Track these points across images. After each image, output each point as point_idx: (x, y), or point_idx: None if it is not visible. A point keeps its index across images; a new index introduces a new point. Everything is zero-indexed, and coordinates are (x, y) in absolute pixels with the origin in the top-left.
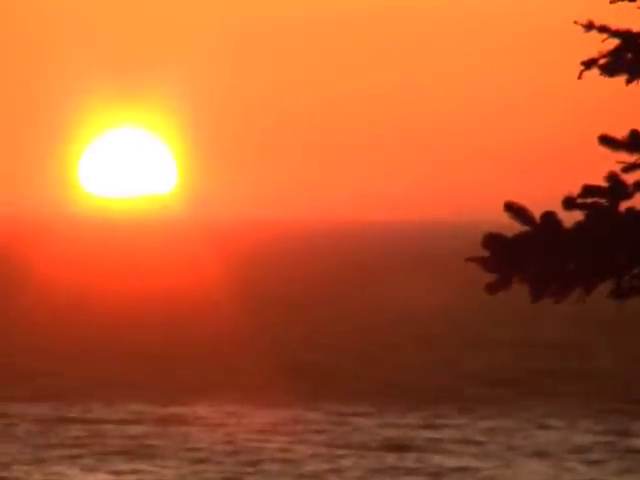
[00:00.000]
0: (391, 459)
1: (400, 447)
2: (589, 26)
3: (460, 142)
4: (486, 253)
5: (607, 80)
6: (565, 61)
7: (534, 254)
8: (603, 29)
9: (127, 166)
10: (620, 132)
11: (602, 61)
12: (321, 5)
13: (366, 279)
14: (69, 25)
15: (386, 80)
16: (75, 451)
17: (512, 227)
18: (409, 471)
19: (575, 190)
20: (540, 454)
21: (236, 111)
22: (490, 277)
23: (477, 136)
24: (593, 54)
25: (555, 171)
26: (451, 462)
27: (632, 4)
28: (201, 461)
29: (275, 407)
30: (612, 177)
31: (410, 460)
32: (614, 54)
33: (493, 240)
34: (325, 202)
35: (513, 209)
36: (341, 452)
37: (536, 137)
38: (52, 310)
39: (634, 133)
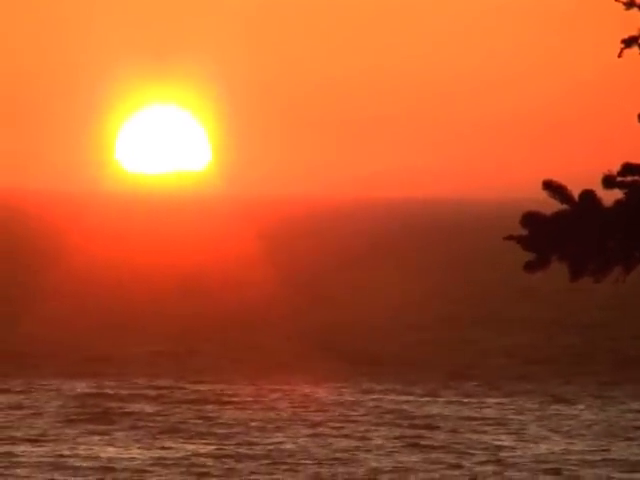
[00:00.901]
0: (423, 436)
1: (431, 425)
2: (630, 3)
3: (481, 117)
4: (524, 232)
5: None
6: (603, 38)
7: (573, 233)
8: None
9: (162, 143)
10: None
11: None
12: None
13: (386, 258)
14: (106, 9)
15: (402, 59)
16: (107, 427)
17: (521, 207)
18: (438, 448)
19: (615, 168)
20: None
21: (271, 91)
22: (529, 256)
23: (500, 112)
24: (633, 32)
25: (594, 150)
26: (484, 439)
27: None
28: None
29: (305, 384)
30: None
31: (441, 438)
32: None
33: (532, 219)
34: (346, 179)
35: (552, 187)
36: (372, 428)
37: (573, 115)
38: (86, 282)
39: None
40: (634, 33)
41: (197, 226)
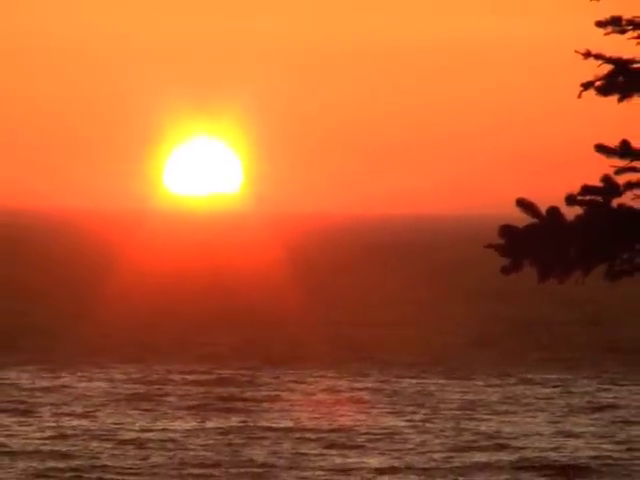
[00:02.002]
0: (463, 420)
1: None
2: (587, 54)
3: (476, 148)
4: (501, 241)
5: (602, 99)
6: (565, 82)
7: (541, 242)
8: (598, 56)
9: (202, 169)
10: (613, 142)
11: (598, 83)
12: (364, 37)
13: (386, 265)
14: (159, 50)
15: (412, 98)
16: (152, 405)
17: (510, 219)
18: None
19: (575, 189)
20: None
21: (293, 122)
22: (505, 261)
23: (491, 144)
24: (589, 77)
25: (558, 174)
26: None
27: (623, 36)
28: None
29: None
30: (606, 178)
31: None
32: (608, 78)
33: (507, 230)
34: (367, 197)
35: (524, 204)
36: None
37: (543, 145)
38: (137, 288)
39: (624, 142)
40: (591, 79)
41: (231, 239)
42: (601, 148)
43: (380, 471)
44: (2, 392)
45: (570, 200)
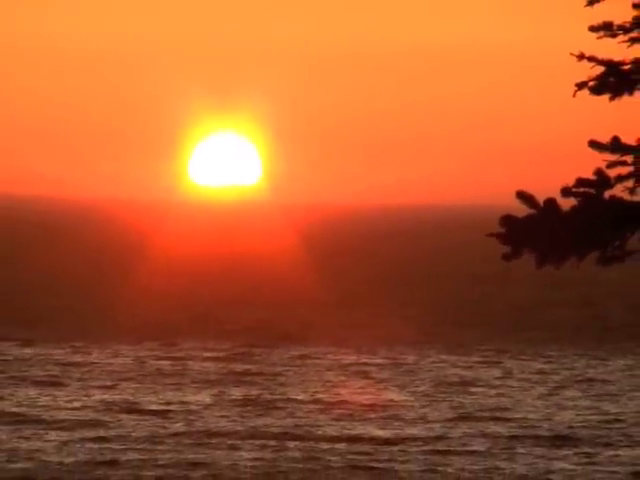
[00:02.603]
0: (462, 394)
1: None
2: (581, 56)
3: (476, 144)
4: (502, 230)
5: (594, 98)
6: (561, 82)
7: (539, 231)
8: (591, 59)
9: (224, 162)
10: (605, 138)
11: (591, 83)
12: (367, 40)
13: (379, 248)
14: (186, 54)
15: (412, 97)
16: (175, 379)
17: (509, 210)
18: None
19: (570, 182)
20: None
21: (307, 120)
22: (505, 249)
23: (493, 140)
24: (583, 78)
25: (555, 167)
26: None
27: (614, 39)
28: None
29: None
30: (598, 172)
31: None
32: (600, 78)
33: (507, 220)
34: (372, 188)
35: (523, 196)
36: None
37: (540, 140)
38: (166, 272)
39: (615, 138)
40: (584, 79)
41: (249, 227)
42: (594, 144)
43: (385, 441)
44: (38, 365)
45: (565, 192)
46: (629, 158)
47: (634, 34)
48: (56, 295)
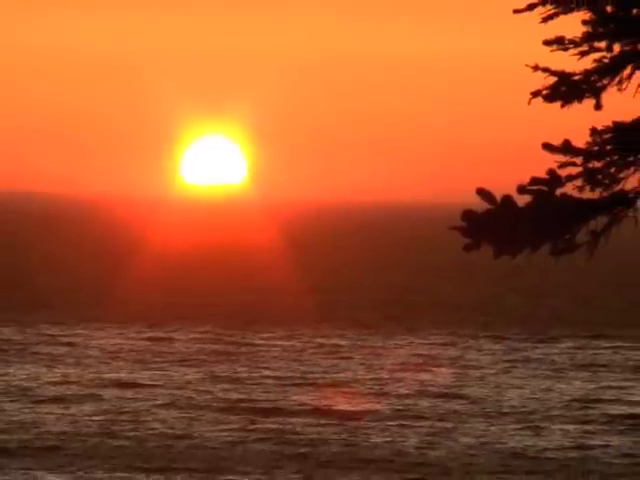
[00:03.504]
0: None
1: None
2: (536, 68)
3: (446, 142)
4: (463, 224)
5: (548, 105)
6: (519, 91)
7: (497, 225)
8: (545, 70)
9: (212, 163)
10: (556, 141)
11: (544, 92)
12: (343, 49)
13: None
14: (179, 64)
15: (381, 102)
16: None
17: (468, 206)
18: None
19: (525, 180)
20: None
21: (288, 123)
22: (466, 241)
23: (459, 144)
24: (538, 87)
25: (511, 167)
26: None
27: (566, 52)
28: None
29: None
30: (551, 172)
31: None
32: (553, 88)
33: (468, 215)
34: (348, 185)
35: (483, 193)
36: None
37: (499, 143)
38: (159, 262)
39: (566, 141)
40: (539, 88)
41: (235, 221)
42: (547, 146)
43: (365, 413)
44: (40, 345)
45: (521, 190)
46: (578, 160)
47: (583, 48)
48: (55, 281)
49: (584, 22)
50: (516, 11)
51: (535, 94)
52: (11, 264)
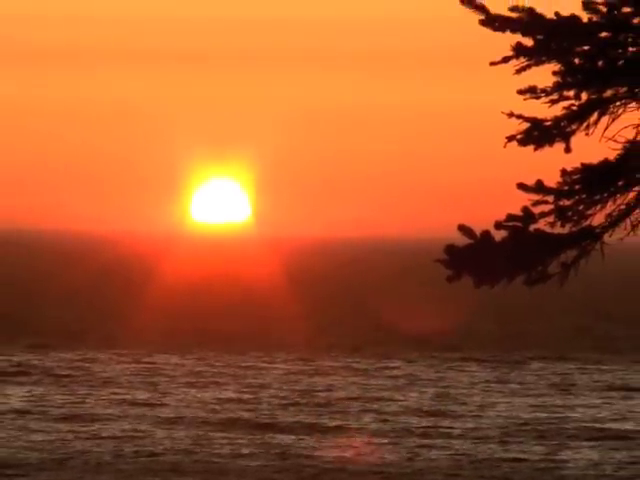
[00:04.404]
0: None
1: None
2: (510, 114)
3: (424, 185)
4: (446, 256)
5: (522, 148)
6: (495, 136)
7: (476, 257)
8: (519, 117)
9: (218, 203)
10: (530, 181)
11: (519, 136)
12: (344, 96)
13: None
14: (187, 117)
15: (369, 147)
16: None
17: (452, 240)
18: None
19: (502, 217)
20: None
21: (289, 167)
22: (448, 272)
23: (438, 184)
24: (512, 132)
25: (489, 205)
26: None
27: (537, 100)
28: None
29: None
30: (525, 209)
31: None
32: (526, 132)
33: (450, 248)
34: (338, 221)
35: (463, 228)
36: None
37: (477, 183)
38: (172, 292)
39: (539, 181)
40: (513, 133)
41: (240, 256)
42: (521, 186)
43: (305, 426)
44: (56, 368)
45: (498, 225)
46: (550, 198)
47: (554, 96)
48: (73, 310)
49: (554, 73)
50: (492, 63)
51: (510, 138)
52: (26, 296)
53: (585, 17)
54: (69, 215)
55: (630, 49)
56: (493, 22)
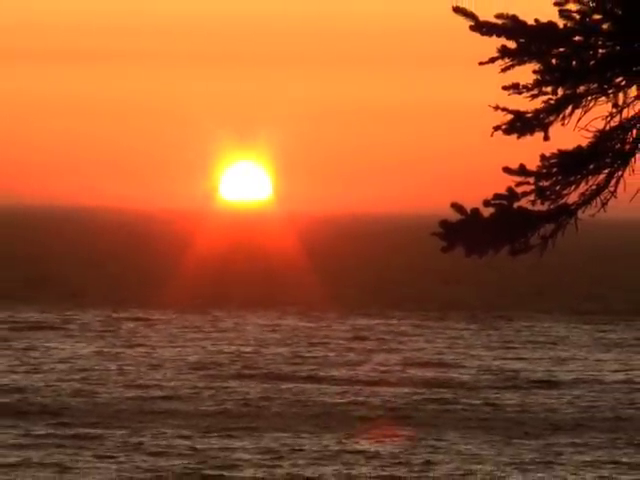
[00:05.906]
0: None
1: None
2: (496, 107)
3: (436, 166)
4: (441, 230)
5: (506, 137)
6: (484, 126)
7: (467, 231)
8: (504, 109)
9: (243, 182)
10: (514, 165)
11: (504, 127)
12: (337, 96)
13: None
14: (216, 108)
15: (384, 136)
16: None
17: (440, 217)
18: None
19: (489, 196)
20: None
21: (306, 151)
22: (443, 244)
23: (437, 168)
24: (498, 123)
25: (479, 186)
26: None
27: (520, 95)
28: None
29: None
30: (509, 189)
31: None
32: (510, 123)
33: (445, 223)
34: (353, 200)
35: (456, 206)
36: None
37: (469, 168)
38: (204, 262)
39: (522, 165)
40: (499, 124)
41: (262, 232)
42: (506, 169)
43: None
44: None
45: (486, 203)
46: (531, 180)
47: (534, 92)
48: (125, 273)
49: (534, 72)
50: (481, 63)
51: (496, 128)
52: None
53: (561, 23)
54: (116, 195)
55: (600, 51)
56: (481, 28)
